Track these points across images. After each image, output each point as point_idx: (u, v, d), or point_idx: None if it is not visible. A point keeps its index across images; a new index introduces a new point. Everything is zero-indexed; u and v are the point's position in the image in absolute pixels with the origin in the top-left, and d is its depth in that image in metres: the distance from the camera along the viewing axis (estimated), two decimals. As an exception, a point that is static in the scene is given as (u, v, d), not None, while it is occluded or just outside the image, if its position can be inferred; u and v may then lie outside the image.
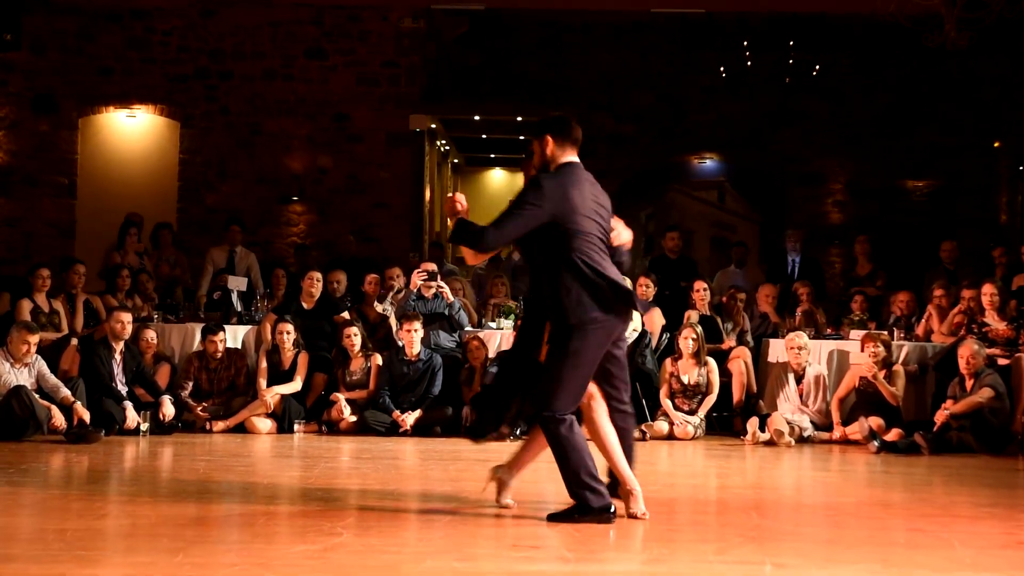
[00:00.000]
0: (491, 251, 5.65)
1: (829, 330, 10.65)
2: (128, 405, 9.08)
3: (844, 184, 15.53)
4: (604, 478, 5.40)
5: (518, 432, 7.26)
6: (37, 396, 8.66)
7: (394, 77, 14.10)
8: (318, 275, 10.52)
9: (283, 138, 14.07)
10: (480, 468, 7.51)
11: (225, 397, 9.76)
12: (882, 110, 15.29)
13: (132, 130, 14.24)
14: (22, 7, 13.40)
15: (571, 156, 5.48)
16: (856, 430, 9.18)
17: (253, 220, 13.62)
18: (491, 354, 9.94)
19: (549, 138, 5.47)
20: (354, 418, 9.53)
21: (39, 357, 9.00)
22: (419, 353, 9.65)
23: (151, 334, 9.86)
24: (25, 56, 13.87)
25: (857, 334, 10.08)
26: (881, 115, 15.28)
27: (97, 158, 14.19)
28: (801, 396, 9.62)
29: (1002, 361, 9.51)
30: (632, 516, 5.37)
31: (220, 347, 9.76)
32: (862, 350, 9.55)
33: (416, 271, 10.31)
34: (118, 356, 9.34)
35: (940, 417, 9.01)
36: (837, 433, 9.41)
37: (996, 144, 15.27)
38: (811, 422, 9.48)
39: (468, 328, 10.34)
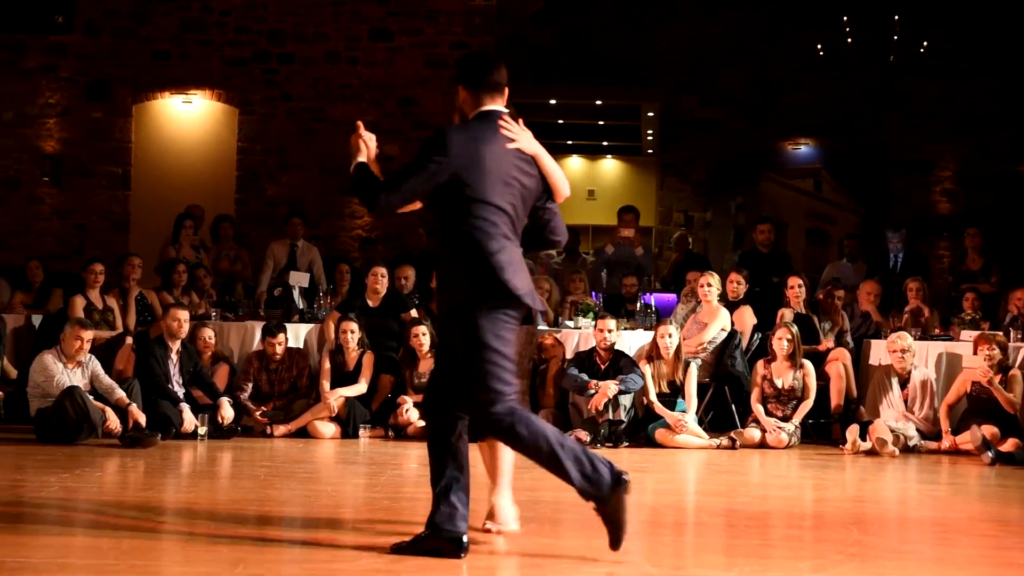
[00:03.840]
0: (386, 213, 5.11)
1: (937, 330, 10.49)
2: (185, 407, 9.22)
3: (954, 171, 15.29)
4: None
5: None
6: (91, 397, 8.82)
7: (465, 59, 14.14)
8: (383, 271, 10.58)
9: (346, 125, 14.08)
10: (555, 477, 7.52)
11: (286, 400, 9.87)
12: (995, 90, 15.02)
13: (188, 117, 14.45)
14: (74, -14, 13.67)
15: (490, 105, 4.89)
16: (968, 439, 9.03)
17: (315, 212, 13.75)
18: (569, 354, 9.95)
19: (460, 88, 4.92)
20: (422, 422, 9.59)
21: (93, 356, 9.17)
22: (491, 354, 9.65)
23: (209, 333, 10.00)
24: (77, 39, 14.12)
25: (968, 335, 9.92)
26: (994, 95, 15.01)
27: (152, 147, 14.42)
28: (906, 402, 9.50)
29: None
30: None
31: (279, 349, 9.87)
32: (975, 352, 9.39)
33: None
34: (174, 356, 9.49)
35: (1061, 426, 8.85)
36: (946, 443, 9.27)
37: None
38: (917, 430, 9.35)
39: (543, 327, 10.36)
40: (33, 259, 11.99)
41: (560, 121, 19.00)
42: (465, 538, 4.71)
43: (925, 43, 14.85)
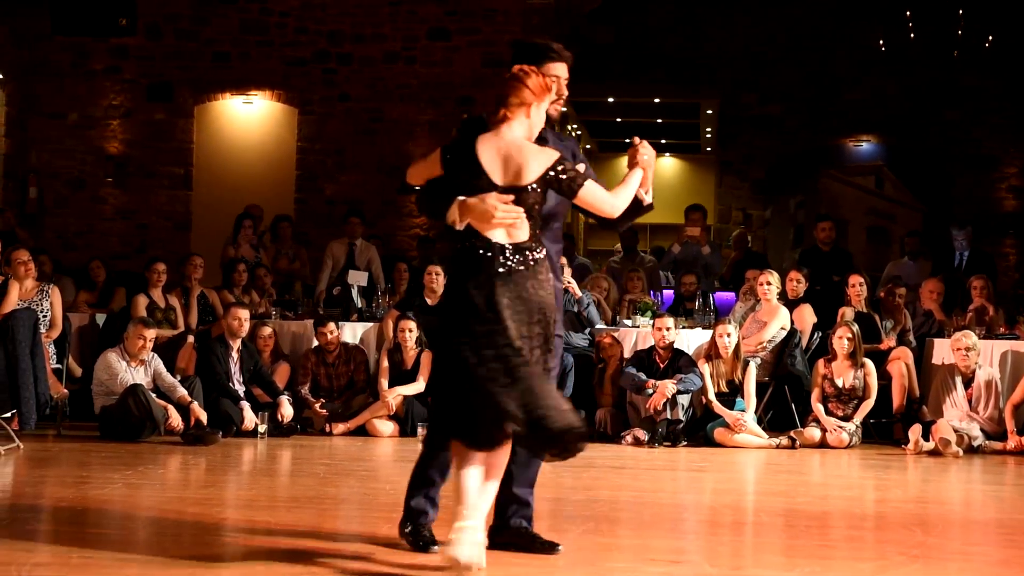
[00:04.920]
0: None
1: (1002, 329, 10.34)
2: (246, 405, 9.31)
3: (1019, 168, 15.06)
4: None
5: None
6: (154, 395, 8.93)
7: (522, 57, 14.14)
8: (438, 269, 10.60)
9: (405, 124, 14.24)
10: (615, 476, 7.52)
11: (345, 396, 9.94)
12: (1062, 85, 14.78)
13: (248, 117, 14.58)
14: (138, -10, 13.83)
15: None
16: (1033, 440, 8.91)
17: (373, 211, 13.82)
18: (627, 353, 9.92)
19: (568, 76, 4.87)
20: (480, 421, 9.59)
21: (155, 355, 9.28)
22: (549, 352, 9.64)
23: (269, 331, 10.09)
24: (139, 41, 14.30)
25: (1034, 334, 9.79)
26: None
27: (213, 147, 14.56)
28: (970, 402, 9.37)
29: None
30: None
31: (332, 338, 9.94)
32: (1040, 351, 9.25)
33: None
34: (235, 354, 9.58)
35: None
36: (1012, 443, 9.13)
37: None
38: (981, 430, 9.22)
39: (600, 325, 10.33)
40: (95, 259, 12.15)
41: (618, 119, 18.95)
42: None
43: (990, 38, 14.63)
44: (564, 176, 4.43)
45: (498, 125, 4.49)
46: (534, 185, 4.42)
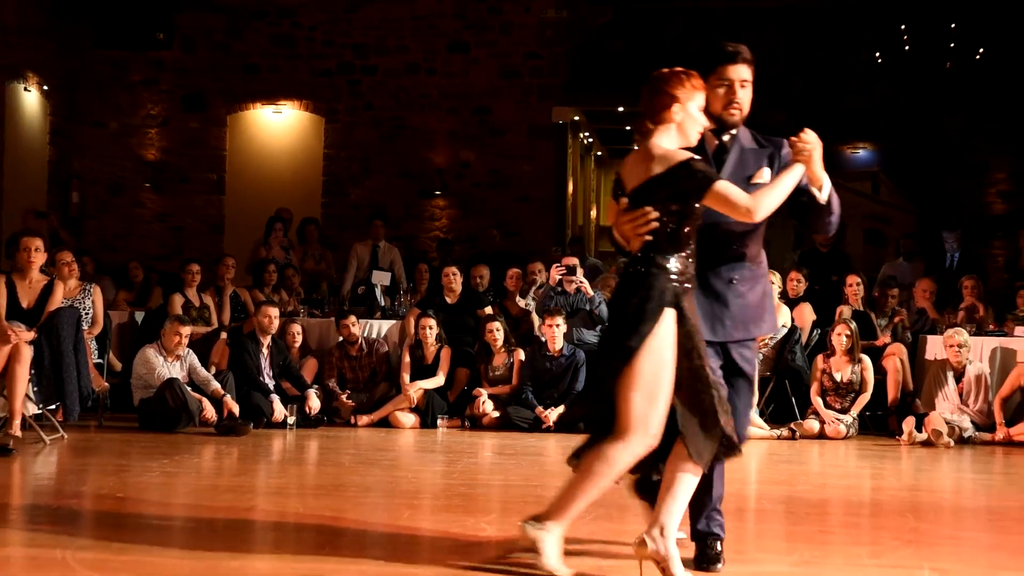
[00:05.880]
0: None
1: (991, 326, 10.31)
2: (275, 398, 9.34)
3: (1008, 173, 15.00)
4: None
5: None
6: (189, 389, 8.97)
7: (536, 69, 14.16)
8: (454, 270, 10.64)
9: (425, 132, 14.27)
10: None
11: (368, 388, 9.96)
12: (1050, 95, 14.71)
13: (278, 126, 14.62)
14: (174, 6, 13.87)
15: None
16: (1021, 431, 8.89)
17: (396, 215, 13.86)
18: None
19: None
20: (497, 413, 9.62)
21: (191, 350, 9.32)
22: (562, 349, 9.68)
23: (297, 328, 10.12)
24: (176, 55, 14.36)
25: (1022, 331, 9.75)
26: (1049, 100, 14.70)
27: (244, 154, 14.60)
28: (961, 395, 9.35)
29: None
30: None
31: (354, 330, 9.99)
32: (1028, 347, 9.23)
33: (555, 266, 10.33)
34: (265, 350, 9.61)
35: (1114, 419, 8.66)
36: (1000, 434, 9.11)
37: None
38: (972, 422, 9.20)
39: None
40: (134, 260, 12.22)
41: (628, 128, 18.91)
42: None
43: (981, 50, 14.58)
44: (690, 177, 4.03)
45: (644, 137, 4.15)
46: (655, 187, 4.05)
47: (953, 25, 14.51)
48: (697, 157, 4.13)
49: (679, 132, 4.16)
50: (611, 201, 4.37)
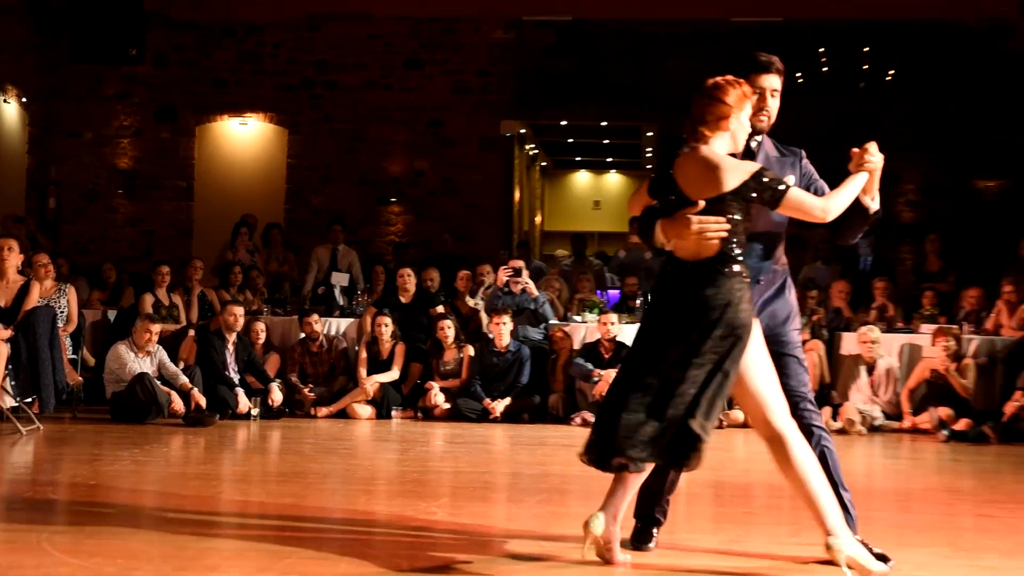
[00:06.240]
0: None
1: (900, 324, 10.45)
2: (240, 391, 9.27)
3: (916, 184, 15.20)
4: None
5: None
6: (159, 383, 8.88)
7: (486, 85, 14.15)
8: (408, 271, 10.65)
9: (383, 143, 14.20)
10: (565, 453, 7.54)
11: (328, 382, 9.92)
12: (954, 113, 14.92)
13: (244, 137, 14.49)
14: (146, 24, 13.71)
15: None
16: (926, 420, 9.02)
17: (355, 220, 13.78)
18: (576, 345, 9.95)
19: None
20: (447, 405, 9.61)
21: (160, 347, 9.23)
22: (508, 345, 9.69)
23: (261, 326, 10.05)
24: (148, 69, 14.18)
25: (928, 328, 9.89)
26: (953, 118, 14.91)
27: (212, 163, 14.45)
28: (872, 387, 9.48)
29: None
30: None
31: (316, 327, 9.96)
32: (934, 344, 9.36)
33: (502, 268, 10.36)
34: (231, 346, 9.54)
35: (1010, 408, 8.81)
36: (907, 423, 9.24)
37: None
38: (882, 412, 9.33)
39: (553, 321, 10.36)
40: (107, 262, 12.08)
41: (570, 140, 18.97)
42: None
43: (892, 71, 14.79)
44: (764, 187, 3.98)
45: (696, 144, 4.07)
46: (730, 197, 3.96)
47: (867, 49, 14.71)
48: (766, 167, 4.10)
49: (732, 139, 4.15)
50: (634, 195, 4.29)
